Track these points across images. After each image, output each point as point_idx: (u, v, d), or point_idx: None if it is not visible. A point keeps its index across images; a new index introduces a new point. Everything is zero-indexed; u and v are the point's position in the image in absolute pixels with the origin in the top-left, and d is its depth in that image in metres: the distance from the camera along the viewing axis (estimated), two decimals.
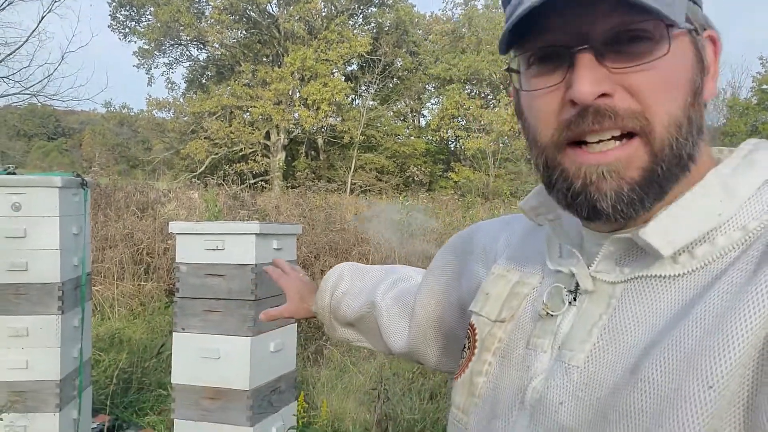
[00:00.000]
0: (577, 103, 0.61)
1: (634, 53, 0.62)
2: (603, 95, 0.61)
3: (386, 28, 27.98)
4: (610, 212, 0.63)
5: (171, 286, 6.15)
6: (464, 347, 0.83)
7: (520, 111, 0.72)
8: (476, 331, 0.80)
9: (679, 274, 0.63)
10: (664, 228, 0.63)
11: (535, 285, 0.77)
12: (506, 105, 25.25)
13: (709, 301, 0.58)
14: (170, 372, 3.09)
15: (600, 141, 0.63)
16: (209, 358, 3.00)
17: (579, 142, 0.64)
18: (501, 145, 25.67)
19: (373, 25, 28.58)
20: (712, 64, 0.68)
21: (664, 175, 0.62)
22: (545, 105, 0.65)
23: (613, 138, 0.62)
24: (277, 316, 1.27)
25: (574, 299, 0.70)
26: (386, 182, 24.51)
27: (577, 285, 0.70)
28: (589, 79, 0.61)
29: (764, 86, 23.31)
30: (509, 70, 0.71)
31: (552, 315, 0.71)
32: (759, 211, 0.62)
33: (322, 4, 26.48)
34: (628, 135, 0.63)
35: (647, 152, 0.62)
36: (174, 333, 3.08)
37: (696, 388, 0.54)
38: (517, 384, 0.72)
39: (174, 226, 3.09)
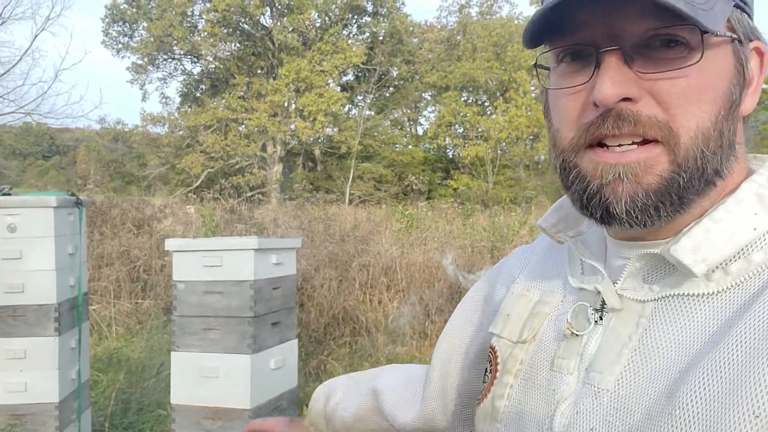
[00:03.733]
0: (598, 105, 0.59)
1: (665, 59, 0.59)
2: (627, 99, 0.58)
3: (381, 38, 28.06)
4: (623, 217, 0.60)
5: (169, 304, 6.10)
6: (486, 371, 0.80)
7: (547, 109, 0.69)
8: (497, 353, 0.77)
9: (713, 293, 0.60)
10: (697, 245, 0.60)
11: (557, 304, 0.75)
12: (503, 112, 25.29)
13: (748, 322, 0.55)
14: (170, 392, 3.05)
15: (620, 145, 0.60)
16: (209, 377, 2.95)
17: (599, 144, 0.62)
18: (499, 151, 25.69)
19: (367, 34, 28.66)
20: (755, 77, 0.65)
21: (684, 186, 0.59)
22: (569, 105, 0.63)
23: (634, 143, 0.60)
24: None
25: (600, 318, 0.67)
26: (385, 191, 24.49)
27: (603, 303, 0.67)
28: (613, 81, 0.58)
29: (764, 86, 23.39)
30: (536, 65, 0.68)
31: (577, 335, 0.68)
32: None
33: (316, 14, 26.56)
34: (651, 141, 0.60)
35: (669, 161, 0.59)
36: (172, 352, 3.03)
37: (741, 417, 0.51)
38: (544, 408, 0.69)
39: (170, 244, 3.05)
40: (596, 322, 0.67)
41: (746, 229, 0.60)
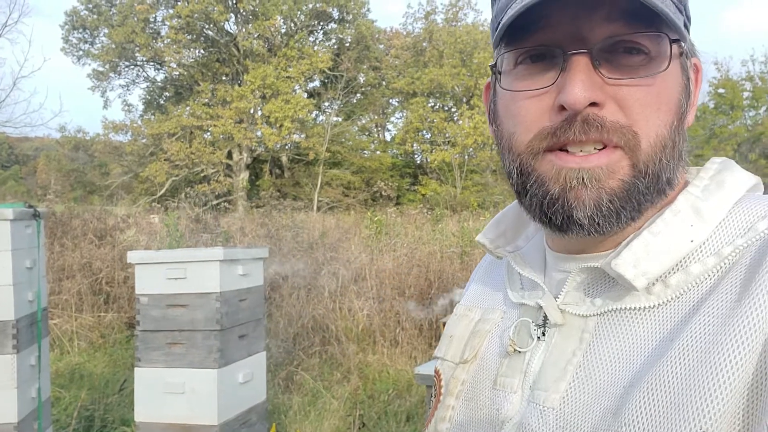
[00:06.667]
0: (568, 108, 0.57)
1: (629, 66, 0.58)
2: (594, 104, 0.58)
3: (347, 44, 28.06)
4: (585, 223, 0.59)
5: (132, 318, 5.97)
6: (431, 396, 0.78)
7: (494, 114, 0.67)
8: (441, 376, 0.76)
9: (654, 306, 0.60)
10: (637, 258, 0.59)
11: (497, 320, 0.73)
12: (468, 118, 25.49)
13: (689, 335, 0.55)
14: (134, 408, 2.96)
15: (582, 150, 0.59)
16: (174, 393, 2.88)
17: (560, 149, 0.60)
18: (466, 157, 25.87)
19: (334, 41, 28.65)
20: (693, 92, 0.66)
21: (643, 193, 0.59)
22: (529, 109, 0.61)
23: (596, 149, 0.59)
24: None
25: (543, 334, 0.66)
26: (353, 198, 24.46)
27: (545, 318, 0.66)
28: (584, 84, 0.57)
29: (720, 90, 24.07)
30: (494, 66, 0.66)
31: (520, 352, 0.67)
32: (732, 235, 0.60)
33: (281, 21, 26.43)
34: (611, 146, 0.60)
35: (630, 165, 0.59)
36: (136, 368, 2.95)
37: None
38: (487, 429, 0.67)
39: (133, 256, 2.97)
40: (539, 338, 0.66)
41: (684, 241, 0.60)
